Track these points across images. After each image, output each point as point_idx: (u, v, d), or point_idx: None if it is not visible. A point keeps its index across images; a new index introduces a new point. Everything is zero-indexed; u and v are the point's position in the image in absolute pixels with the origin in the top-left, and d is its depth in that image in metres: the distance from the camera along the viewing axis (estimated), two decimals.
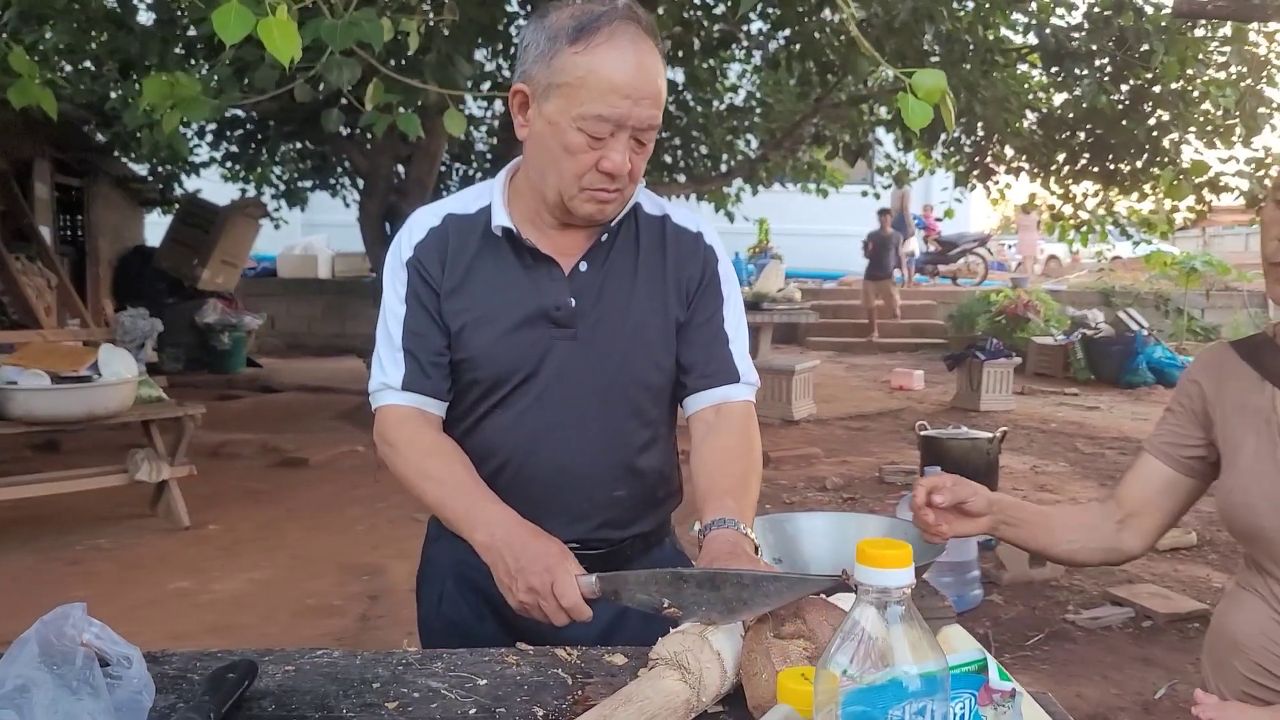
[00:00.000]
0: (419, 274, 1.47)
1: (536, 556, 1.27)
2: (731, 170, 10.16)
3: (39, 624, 1.16)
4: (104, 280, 10.64)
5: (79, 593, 4.38)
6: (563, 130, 1.34)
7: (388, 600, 4.39)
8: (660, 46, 1.39)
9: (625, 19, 1.34)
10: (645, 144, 1.38)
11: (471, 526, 1.36)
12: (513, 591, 1.28)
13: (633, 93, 1.32)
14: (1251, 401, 1.38)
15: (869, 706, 0.68)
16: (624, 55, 1.32)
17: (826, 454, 7.24)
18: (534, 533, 1.33)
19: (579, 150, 1.35)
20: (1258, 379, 1.39)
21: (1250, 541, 1.35)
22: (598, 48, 1.32)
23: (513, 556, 1.28)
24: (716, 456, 1.47)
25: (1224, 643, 1.39)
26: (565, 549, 1.30)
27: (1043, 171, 9.50)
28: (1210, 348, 1.49)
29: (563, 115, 1.34)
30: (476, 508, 1.37)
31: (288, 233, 13.97)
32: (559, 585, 1.23)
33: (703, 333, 1.51)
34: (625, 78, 1.32)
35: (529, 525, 1.34)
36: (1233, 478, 1.36)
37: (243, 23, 2.50)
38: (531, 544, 1.30)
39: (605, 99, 1.32)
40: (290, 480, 6.50)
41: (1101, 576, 4.53)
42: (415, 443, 1.45)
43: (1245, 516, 1.32)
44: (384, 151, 7.89)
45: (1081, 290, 15.10)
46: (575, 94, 1.33)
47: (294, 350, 13.56)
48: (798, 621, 1.08)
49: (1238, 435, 1.37)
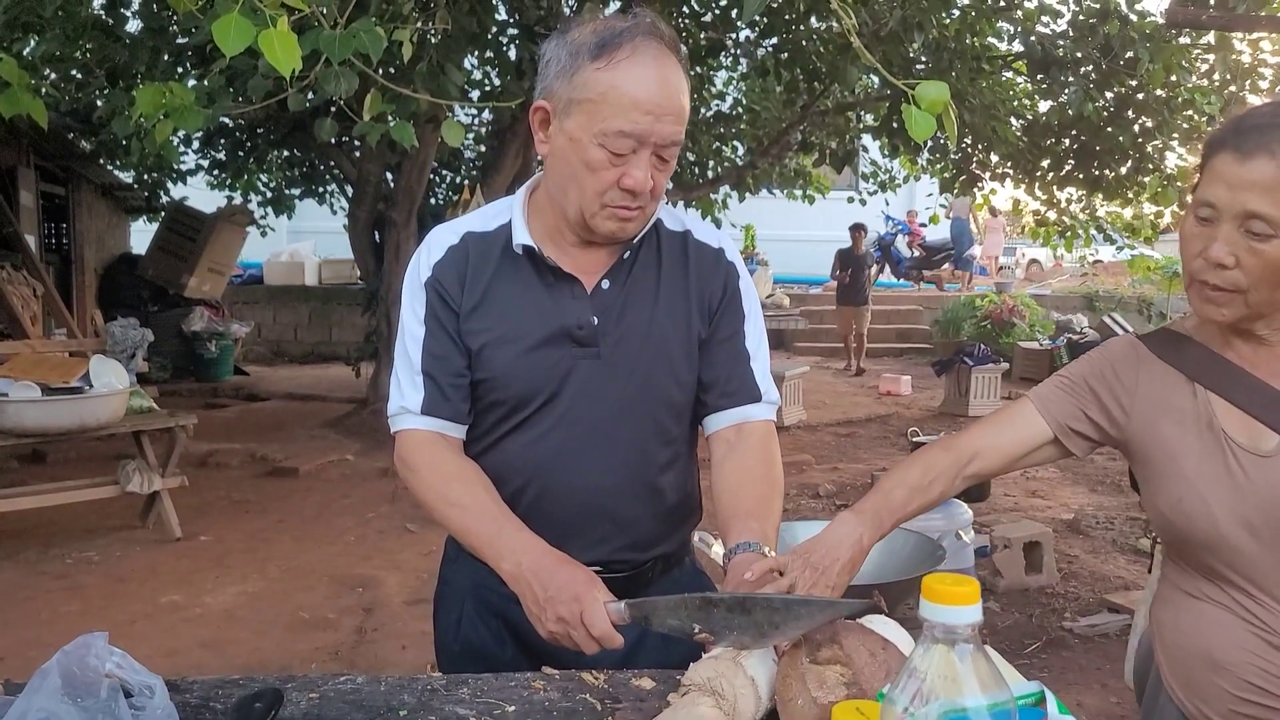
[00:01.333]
0: (438, 294, 1.45)
1: (564, 585, 1.25)
2: (719, 177, 10.17)
3: (60, 654, 1.13)
4: (90, 289, 10.55)
5: (68, 607, 4.35)
6: (584, 147, 1.33)
7: (382, 613, 4.36)
8: (684, 62, 1.38)
9: (648, 34, 1.33)
10: (668, 160, 1.36)
11: (498, 555, 1.33)
12: (542, 621, 1.26)
13: (655, 109, 1.31)
14: (1178, 403, 1.33)
15: None
16: (647, 71, 1.31)
17: (818, 460, 7.26)
18: (562, 560, 1.30)
19: (600, 167, 1.33)
20: (1183, 379, 1.34)
21: (1208, 551, 1.30)
22: (620, 63, 1.31)
23: (540, 585, 1.26)
24: (739, 476, 1.46)
25: (1198, 662, 1.33)
26: (593, 576, 1.27)
27: (1028, 177, 9.56)
28: (1121, 339, 1.43)
29: (585, 131, 1.33)
30: (503, 535, 1.35)
31: (274, 240, 13.90)
32: (589, 614, 1.21)
33: (724, 350, 1.50)
34: (648, 94, 1.31)
35: (556, 553, 1.32)
36: (1179, 486, 1.31)
37: (243, 35, 2.48)
38: (560, 572, 1.27)
39: (628, 115, 1.30)
40: (279, 490, 6.46)
41: (1098, 584, 4.55)
42: (438, 467, 1.43)
43: (1204, 527, 1.28)
44: (373, 159, 7.87)
45: (1065, 295, 15.19)
46: (597, 110, 1.32)
47: (280, 357, 13.49)
48: (834, 647, 1.07)
49: (1172, 440, 1.32)
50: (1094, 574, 4.72)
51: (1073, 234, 10.20)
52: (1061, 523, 5.59)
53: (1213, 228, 1.23)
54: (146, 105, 3.45)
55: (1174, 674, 1.37)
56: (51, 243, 10.76)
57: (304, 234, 16.16)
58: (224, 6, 2.66)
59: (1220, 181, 1.22)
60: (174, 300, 11.16)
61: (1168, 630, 1.39)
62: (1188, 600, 1.36)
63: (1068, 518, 5.72)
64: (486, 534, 1.36)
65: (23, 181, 9.07)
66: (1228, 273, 1.23)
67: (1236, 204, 1.20)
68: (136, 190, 11.57)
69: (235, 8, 2.49)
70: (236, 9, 2.49)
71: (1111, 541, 5.28)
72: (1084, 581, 4.59)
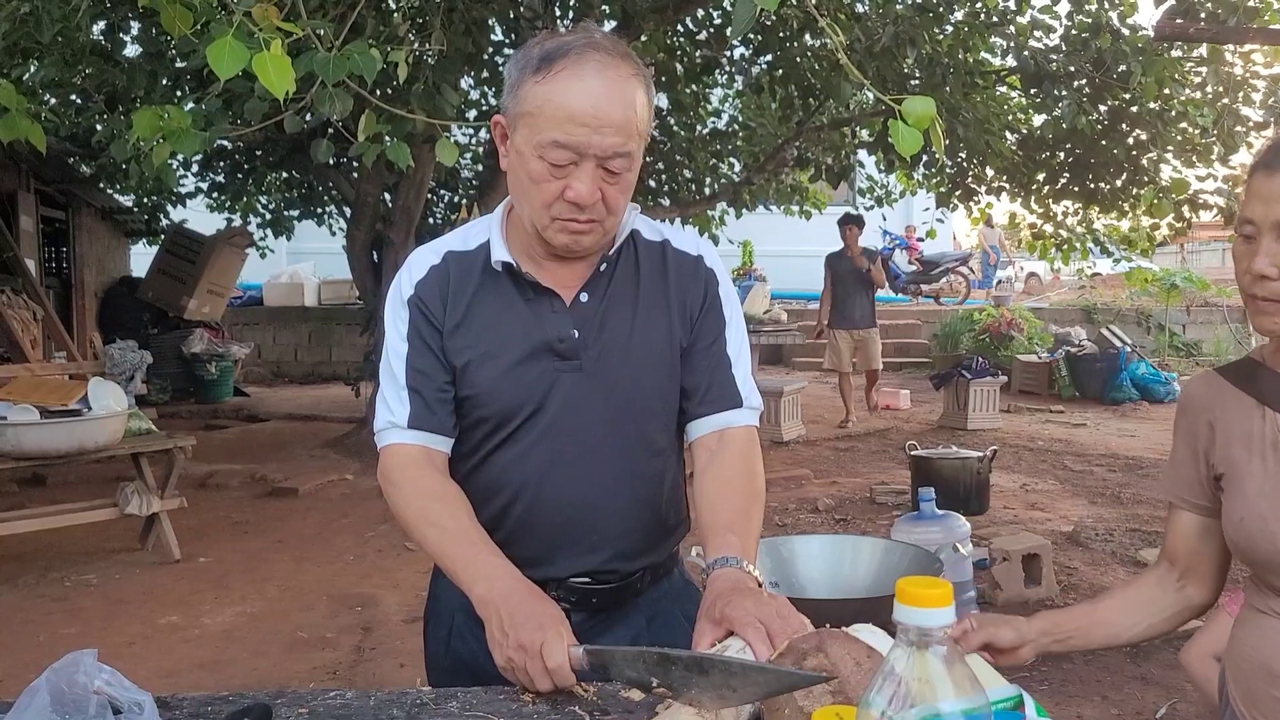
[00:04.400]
0: (420, 311, 1.46)
1: (532, 614, 1.24)
2: (715, 193, 10.22)
3: (49, 672, 1.14)
4: (90, 312, 10.58)
5: (67, 630, 4.34)
6: (527, 159, 1.35)
7: (380, 632, 4.36)
8: (642, 73, 1.37)
9: (590, 47, 1.33)
10: (616, 173, 1.35)
11: (472, 579, 1.33)
12: (502, 647, 1.24)
13: (591, 120, 1.31)
14: (1248, 427, 1.38)
15: None
16: (583, 83, 1.31)
17: (816, 475, 7.26)
18: (533, 592, 1.30)
19: (543, 179, 1.34)
20: (1254, 404, 1.38)
21: (1269, 569, 1.34)
22: (557, 76, 1.31)
23: (508, 612, 1.25)
24: (719, 486, 1.46)
25: (1258, 673, 1.36)
26: (561, 615, 1.26)
27: (1023, 191, 9.60)
28: (1198, 379, 1.48)
29: (527, 144, 1.34)
30: (478, 560, 1.35)
31: (273, 261, 13.95)
32: (549, 646, 1.19)
33: (705, 357, 1.50)
34: (583, 105, 1.30)
35: (529, 584, 1.32)
36: (1242, 506, 1.35)
37: (237, 58, 2.50)
38: (529, 602, 1.27)
39: (562, 127, 1.31)
40: (278, 510, 6.46)
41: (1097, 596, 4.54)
42: (420, 486, 1.43)
43: (1265, 545, 1.32)
44: (371, 180, 7.90)
45: (1063, 308, 15.21)
46: (535, 122, 1.33)
47: (280, 378, 13.51)
48: (819, 656, 1.08)
49: (1239, 463, 1.37)
50: (1094, 586, 4.71)
51: (1069, 247, 10.23)
52: (1061, 535, 5.58)
53: (1255, 243, 1.29)
54: (144, 128, 3.47)
55: (1237, 687, 1.41)
56: (52, 266, 10.80)
57: (303, 255, 16.20)
58: (219, 31, 2.69)
59: (1257, 198, 1.29)
60: (174, 323, 11.20)
61: (1235, 644, 1.43)
62: (1255, 615, 1.40)
63: (1067, 530, 5.71)
64: (463, 557, 1.36)
65: (23, 206, 9.12)
66: (1272, 284, 1.28)
67: (1271, 216, 1.26)
68: (136, 213, 11.62)
69: (229, 32, 2.52)
70: (231, 33, 2.52)
71: (1111, 553, 5.27)
72: (1084, 594, 4.58)
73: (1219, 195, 8.06)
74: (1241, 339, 13.72)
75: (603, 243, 1.44)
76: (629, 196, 1.41)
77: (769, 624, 1.17)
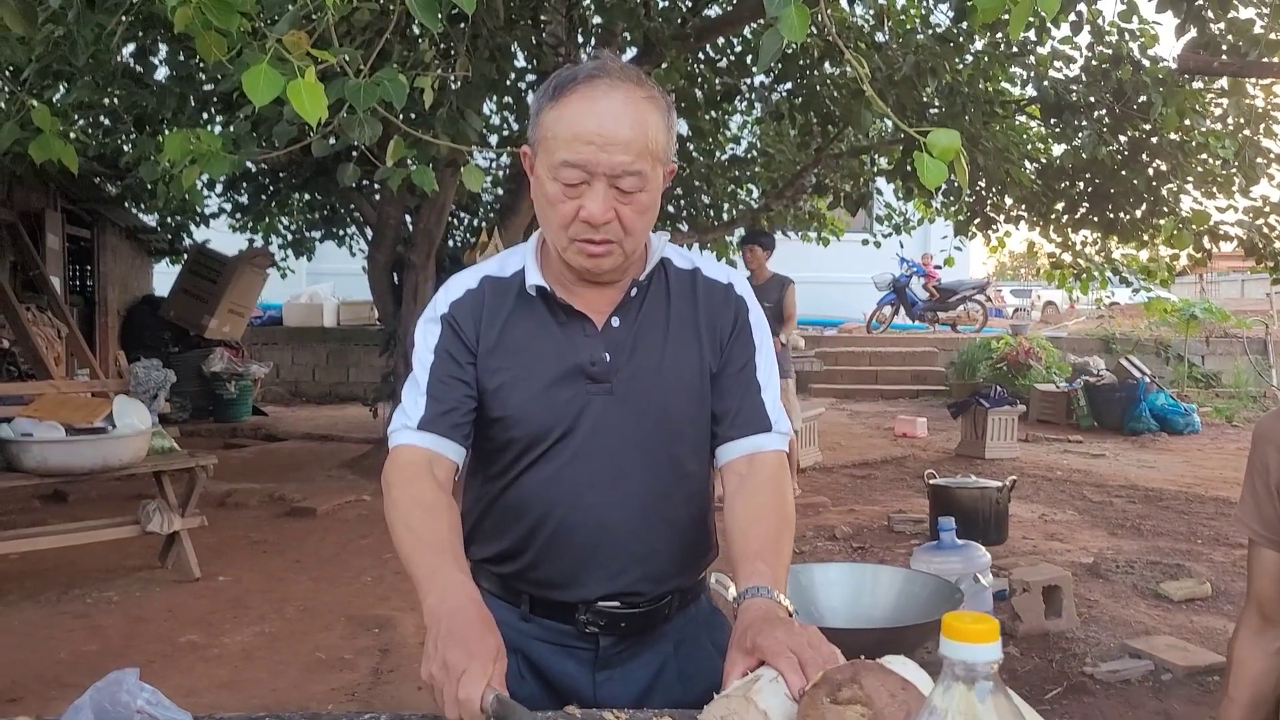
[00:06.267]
0: (452, 329, 1.49)
1: (468, 640, 1.20)
2: (734, 219, 10.24)
3: (93, 690, 1.16)
4: (113, 330, 10.68)
5: (88, 647, 4.37)
6: (544, 182, 1.39)
7: (398, 654, 4.36)
8: (659, 98, 1.40)
9: (601, 72, 1.36)
10: (629, 193, 1.37)
11: (428, 589, 1.30)
12: (429, 660, 1.21)
13: (598, 139, 1.33)
14: None
15: None
16: (592, 105, 1.34)
17: (834, 502, 7.24)
18: (482, 619, 1.26)
19: (558, 200, 1.37)
20: None
21: None
22: (569, 100, 1.36)
23: (447, 630, 1.22)
24: (749, 514, 1.46)
25: None
26: (501, 653, 1.22)
27: (1042, 220, 9.59)
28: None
29: (543, 168, 1.39)
30: (441, 572, 1.32)
31: (294, 281, 14.06)
32: (468, 676, 1.15)
33: (735, 382, 1.52)
34: (590, 124, 1.34)
35: (482, 610, 1.28)
36: None
37: (272, 85, 2.54)
38: (471, 626, 1.23)
39: (570, 146, 1.34)
40: (297, 530, 6.49)
41: (1119, 629, 4.51)
42: (410, 491, 1.42)
43: None
44: (393, 202, 7.97)
45: (1082, 337, 15.16)
46: (549, 145, 1.37)
47: (298, 398, 13.58)
48: (854, 687, 1.08)
49: None
50: (1114, 619, 4.68)
51: (1088, 276, 10.21)
52: (1081, 566, 5.54)
53: None
54: (174, 150, 3.53)
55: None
56: (76, 285, 10.93)
57: (323, 276, 16.32)
58: (253, 57, 2.74)
59: None
60: (194, 341, 11.28)
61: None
62: None
63: (1087, 561, 5.67)
64: (427, 565, 1.33)
65: (50, 225, 9.23)
66: None
67: None
68: (160, 233, 11.74)
69: (265, 59, 2.56)
70: (266, 60, 2.56)
71: (1132, 586, 5.23)
72: (1104, 626, 4.55)
73: (1239, 227, 8.04)
74: (1262, 370, 13.64)
75: (625, 266, 1.46)
76: (648, 220, 1.43)
77: (801, 654, 1.17)
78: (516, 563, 1.52)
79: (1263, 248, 7.96)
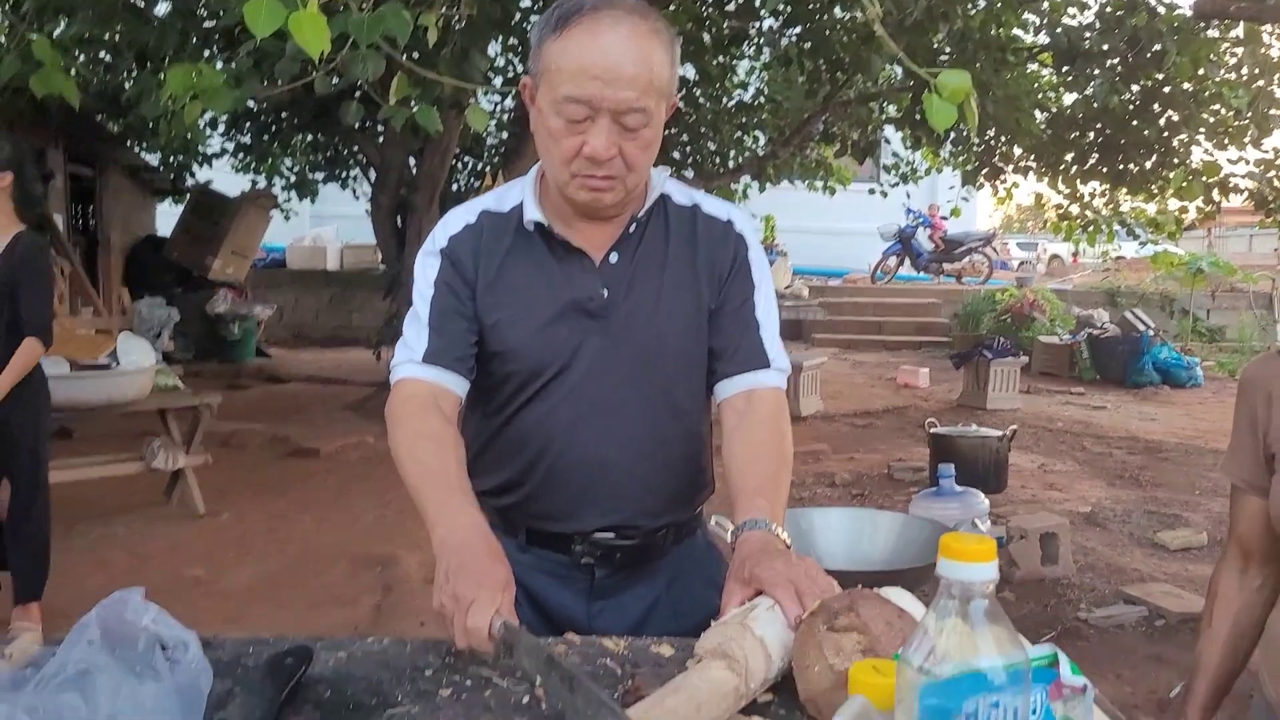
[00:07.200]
0: (451, 263, 1.48)
1: (476, 570, 1.22)
2: (739, 167, 10.17)
3: (99, 608, 1.17)
4: (116, 269, 10.65)
5: (94, 580, 4.41)
6: (547, 116, 1.36)
7: (400, 591, 4.41)
8: (664, 31, 1.37)
9: (606, 4, 1.34)
10: (634, 129, 1.35)
11: (437, 521, 1.31)
12: (440, 591, 1.23)
13: (604, 74, 1.31)
14: None
15: (944, 699, 0.70)
16: (597, 39, 1.32)
17: (834, 450, 7.27)
18: (490, 550, 1.27)
19: (561, 135, 1.35)
20: None
21: None
22: (572, 32, 1.33)
23: (458, 562, 1.23)
24: (748, 451, 1.46)
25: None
26: (510, 583, 1.23)
27: (1051, 171, 9.52)
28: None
29: (546, 101, 1.36)
30: (450, 505, 1.33)
31: (297, 224, 14.01)
32: (476, 605, 1.17)
33: (734, 319, 1.51)
34: (595, 59, 1.31)
35: (491, 543, 1.29)
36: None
37: (274, 17, 2.51)
38: (480, 558, 1.24)
39: (574, 80, 1.32)
40: (300, 471, 6.53)
41: (1114, 576, 4.55)
42: (416, 424, 1.42)
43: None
44: (396, 145, 7.90)
45: (1087, 290, 15.11)
46: (553, 79, 1.34)
47: (301, 341, 13.59)
48: (850, 615, 1.09)
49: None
50: (1110, 566, 4.72)
51: (1095, 229, 10.15)
52: (1079, 515, 5.58)
53: None
54: (176, 86, 3.49)
55: (1267, 666, 1.43)
56: (79, 223, 10.87)
57: (326, 219, 16.26)
58: None
59: None
60: (198, 282, 11.26)
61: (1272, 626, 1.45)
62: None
63: (1085, 510, 5.71)
64: (436, 498, 1.34)
65: (52, 163, 9.15)
66: None
67: None
68: (162, 172, 11.65)
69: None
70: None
71: (1129, 535, 5.27)
72: (1100, 574, 4.59)
73: (1250, 179, 7.99)
74: (1267, 325, 13.61)
75: (625, 201, 1.44)
76: (650, 155, 1.41)
77: (798, 584, 1.18)
78: (514, 495, 1.53)
79: (1272, 200, 7.91)
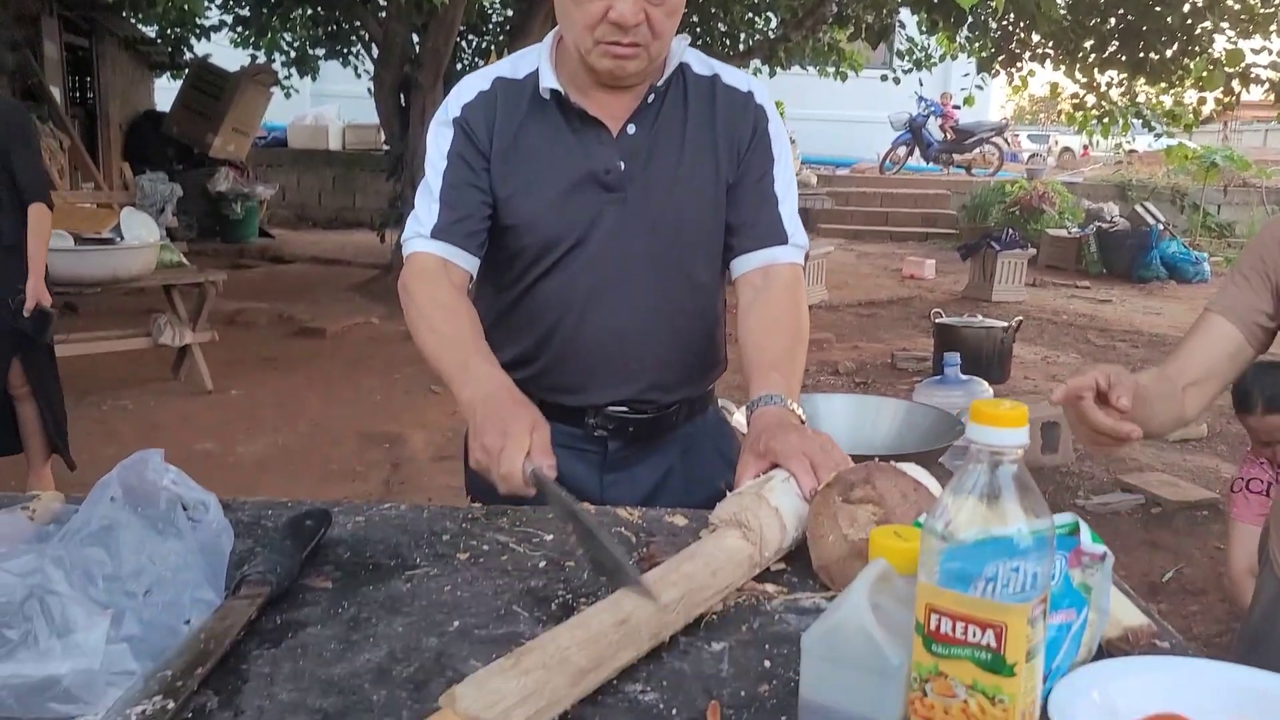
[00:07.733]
0: (464, 132, 1.45)
1: (501, 420, 1.22)
2: (750, 50, 9.92)
3: (119, 468, 1.18)
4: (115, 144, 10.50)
5: (105, 451, 4.47)
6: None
7: (408, 468, 4.48)
8: None
9: None
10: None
11: (462, 383, 1.32)
12: (473, 450, 1.25)
13: None
14: None
15: (966, 563, 0.70)
16: None
17: (838, 339, 7.29)
18: (515, 399, 1.29)
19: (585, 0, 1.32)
20: None
21: None
22: None
23: (484, 416, 1.24)
24: (764, 326, 1.46)
25: None
26: (539, 423, 1.23)
27: (1069, 58, 9.28)
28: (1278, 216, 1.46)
29: None
30: (470, 366, 1.33)
31: (298, 102, 13.75)
32: (506, 452, 1.18)
33: (752, 193, 1.49)
34: None
35: (515, 393, 1.30)
36: None
37: None
38: (505, 408, 1.25)
39: None
40: (307, 350, 6.56)
41: (1112, 465, 4.61)
42: (431, 295, 1.42)
43: None
44: (399, 20, 7.70)
45: (1097, 183, 14.90)
46: None
47: (304, 222, 13.50)
48: (866, 486, 1.10)
49: None
50: (1109, 456, 4.76)
51: (1111, 120, 9.95)
52: None
53: None
54: None
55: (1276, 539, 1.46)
56: (76, 96, 10.67)
57: (328, 97, 15.94)
58: None
59: None
60: (199, 160, 11.12)
61: None
62: None
63: None
64: (457, 361, 1.35)
65: (47, 31, 8.95)
66: None
67: None
68: (160, 45, 11.39)
69: None
70: None
71: None
72: (1099, 463, 4.65)
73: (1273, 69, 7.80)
74: None
75: (648, 70, 1.41)
76: (675, 22, 1.38)
77: (813, 457, 1.19)
78: (527, 369, 1.52)
79: None
